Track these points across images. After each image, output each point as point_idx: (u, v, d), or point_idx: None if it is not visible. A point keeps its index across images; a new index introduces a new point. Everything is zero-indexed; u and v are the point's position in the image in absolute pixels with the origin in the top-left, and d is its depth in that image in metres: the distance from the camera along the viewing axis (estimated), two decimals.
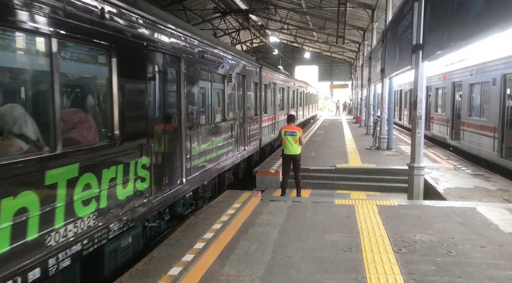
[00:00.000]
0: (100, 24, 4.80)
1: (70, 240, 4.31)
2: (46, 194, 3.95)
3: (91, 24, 4.62)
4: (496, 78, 12.11)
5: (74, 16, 4.32)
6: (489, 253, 5.55)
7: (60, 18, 4.12)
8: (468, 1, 5.80)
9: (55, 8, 4.04)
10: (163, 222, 7.26)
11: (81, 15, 4.43)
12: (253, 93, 13.69)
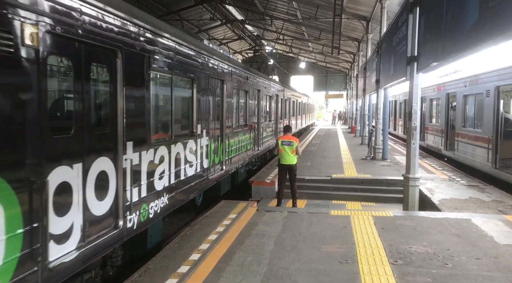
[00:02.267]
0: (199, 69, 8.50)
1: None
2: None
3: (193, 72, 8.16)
4: (489, 89, 12.23)
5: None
6: (485, 265, 5.57)
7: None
8: (462, 15, 5.88)
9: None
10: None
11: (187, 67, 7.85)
12: (277, 105, 19.66)
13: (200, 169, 8.42)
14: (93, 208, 4.71)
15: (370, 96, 22.05)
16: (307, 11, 24.48)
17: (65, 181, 4.20)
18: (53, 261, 4.00)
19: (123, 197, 5.30)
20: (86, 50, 4.53)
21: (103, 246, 4.85)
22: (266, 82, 16.91)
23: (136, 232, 5.68)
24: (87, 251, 4.53)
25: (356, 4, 20.71)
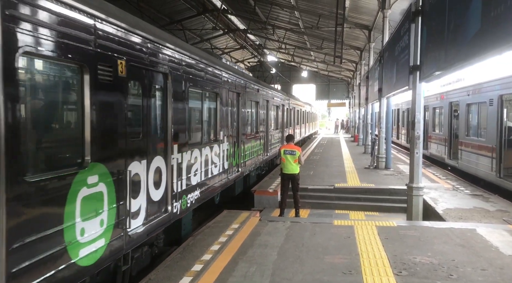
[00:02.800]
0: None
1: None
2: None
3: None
4: (493, 98, 12.21)
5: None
6: (490, 276, 5.50)
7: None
8: (465, 24, 5.88)
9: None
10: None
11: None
12: (283, 114, 20.69)
13: (222, 169, 9.85)
14: (152, 195, 6.07)
15: (373, 104, 22.06)
16: (309, 20, 24.60)
17: (136, 172, 5.56)
18: (131, 230, 5.40)
19: (171, 188, 6.66)
20: (149, 75, 6.00)
21: (158, 225, 6.22)
22: (273, 93, 18.24)
23: (178, 217, 7.11)
24: (149, 227, 5.92)
25: (358, 14, 20.80)
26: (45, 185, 3.83)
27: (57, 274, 3.94)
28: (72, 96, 4.50)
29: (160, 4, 22.17)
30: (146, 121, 5.92)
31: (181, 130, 7.11)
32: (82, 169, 4.37)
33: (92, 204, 4.55)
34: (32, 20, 3.63)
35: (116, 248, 5.03)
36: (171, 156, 6.68)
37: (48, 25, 3.82)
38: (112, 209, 4.92)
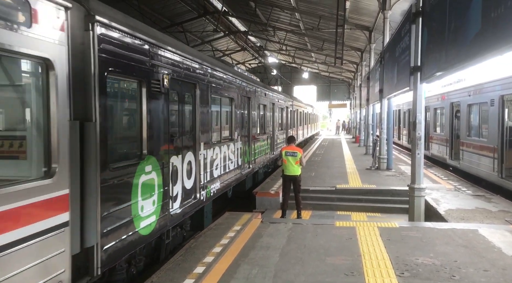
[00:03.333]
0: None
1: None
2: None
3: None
4: (494, 99, 12.19)
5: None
6: (493, 277, 5.49)
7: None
8: (465, 25, 5.88)
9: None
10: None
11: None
12: (287, 116, 21.97)
13: (236, 165, 11.12)
14: (186, 184, 7.36)
15: (374, 105, 22.03)
16: (309, 21, 24.62)
17: (175, 164, 6.88)
18: (172, 211, 6.70)
19: (199, 179, 7.97)
20: (183, 85, 7.31)
21: (190, 209, 7.54)
22: (279, 96, 19.62)
23: (204, 204, 8.47)
24: (184, 210, 7.22)
25: (359, 15, 20.80)
26: (121, 171, 5.12)
27: (127, 238, 5.23)
28: (135, 104, 5.79)
29: (161, 7, 22.21)
30: (182, 123, 7.30)
31: (206, 130, 8.48)
32: (142, 160, 5.67)
33: (148, 187, 5.81)
34: (113, 50, 4.92)
35: (162, 224, 6.31)
36: (199, 152, 8.00)
37: (122, 53, 5.12)
38: (160, 193, 6.18)
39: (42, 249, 3.78)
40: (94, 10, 4.54)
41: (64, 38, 4.11)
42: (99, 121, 4.54)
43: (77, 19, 4.34)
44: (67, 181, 4.13)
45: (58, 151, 3.98)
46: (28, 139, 4.15)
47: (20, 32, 3.56)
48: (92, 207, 4.50)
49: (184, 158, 7.26)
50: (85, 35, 4.44)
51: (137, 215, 5.46)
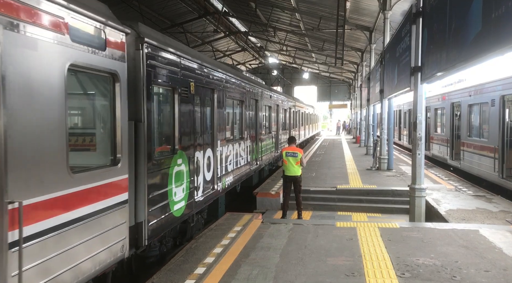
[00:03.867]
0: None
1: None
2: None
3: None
4: (494, 99, 12.19)
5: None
6: (494, 278, 5.48)
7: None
8: (466, 25, 5.88)
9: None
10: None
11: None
12: (290, 116, 23.05)
13: (246, 161, 12.20)
14: (206, 175, 8.50)
15: (374, 106, 22.03)
16: (310, 22, 24.62)
17: (198, 159, 7.99)
18: (196, 198, 7.83)
19: (216, 172, 9.11)
20: (204, 90, 8.41)
21: (209, 198, 8.68)
22: (282, 97, 20.81)
23: (220, 194, 9.67)
24: (205, 198, 8.37)
25: (359, 15, 20.80)
26: (161, 162, 6.27)
27: (165, 217, 6.37)
28: (169, 108, 6.91)
29: (162, 7, 22.21)
30: (203, 123, 8.40)
31: (222, 129, 9.61)
32: (175, 154, 6.86)
33: (179, 177, 6.99)
34: (156, 64, 6.13)
35: (189, 209, 7.43)
36: (216, 148, 9.16)
37: (161, 66, 6.34)
38: (188, 182, 7.35)
39: (113, 218, 4.93)
40: (143, 33, 5.81)
41: (124, 56, 5.22)
42: (146, 122, 5.73)
43: (131, 41, 5.51)
44: (127, 168, 5.26)
45: (121, 145, 5.11)
46: (102, 134, 5.36)
47: (99, 54, 4.70)
48: (142, 190, 5.71)
49: (205, 153, 8.49)
50: (136, 53, 5.66)
51: (171, 199, 6.66)
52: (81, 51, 4.38)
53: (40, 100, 3.78)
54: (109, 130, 5.09)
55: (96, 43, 4.65)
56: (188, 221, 7.91)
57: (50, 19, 3.92)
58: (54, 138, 3.97)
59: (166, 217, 6.41)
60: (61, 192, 4.03)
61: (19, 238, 3.44)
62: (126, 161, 5.21)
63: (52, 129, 3.95)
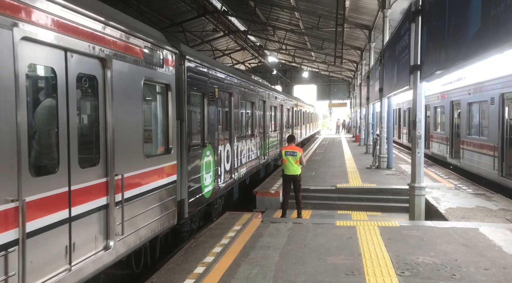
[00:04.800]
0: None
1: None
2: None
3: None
4: (494, 97, 12.18)
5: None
6: (494, 276, 5.48)
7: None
8: (465, 23, 5.87)
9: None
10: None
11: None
12: (293, 115, 24.60)
13: (256, 156, 13.80)
14: (226, 166, 10.13)
15: (374, 104, 22.02)
16: (309, 21, 24.59)
17: (220, 151, 9.66)
18: (220, 184, 9.51)
19: (233, 163, 10.74)
20: (224, 94, 10.01)
21: (228, 185, 10.30)
22: (286, 98, 22.46)
23: (237, 182, 11.37)
24: (225, 185, 10.00)
25: (358, 14, 20.78)
26: (195, 153, 7.88)
27: (198, 197, 8.02)
28: (201, 109, 8.56)
29: (161, 7, 22.19)
30: (223, 121, 10.05)
31: (237, 127, 11.19)
32: (205, 147, 8.49)
33: (207, 165, 8.62)
34: (192, 76, 7.83)
35: (214, 192, 9.08)
36: (233, 143, 10.78)
37: (196, 76, 8.05)
38: (214, 170, 9.00)
39: (168, 193, 6.58)
40: (184, 51, 7.45)
41: (173, 71, 6.86)
42: (187, 120, 7.38)
43: (176, 58, 7.05)
44: (176, 156, 6.90)
45: (173, 138, 6.80)
46: (160, 129, 6.82)
47: (158, 70, 6.34)
48: (184, 174, 7.32)
49: (225, 147, 10.08)
50: (179, 68, 7.25)
51: (202, 184, 8.30)
52: (150, 69, 6.04)
53: (129, 107, 5.44)
54: (165, 126, 6.77)
55: (157, 63, 6.30)
56: (213, 204, 9.53)
57: (136, 49, 5.65)
58: (137, 133, 5.66)
59: (199, 197, 8.13)
60: (141, 170, 5.71)
61: (121, 199, 5.10)
62: (175, 150, 6.90)
63: (136, 127, 5.63)
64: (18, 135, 3.55)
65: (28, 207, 3.61)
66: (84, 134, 4.76)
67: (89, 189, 4.58)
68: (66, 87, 4.24)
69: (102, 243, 4.81)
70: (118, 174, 5.01)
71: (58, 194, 4.09)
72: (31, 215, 3.68)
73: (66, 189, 4.20)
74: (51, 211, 3.99)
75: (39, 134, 4.17)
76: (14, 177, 3.52)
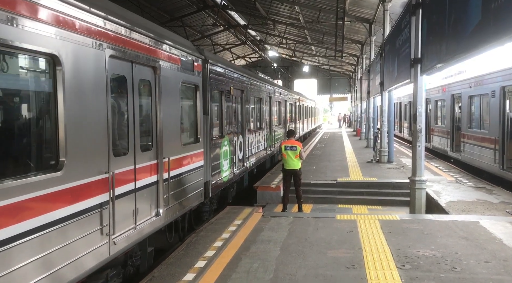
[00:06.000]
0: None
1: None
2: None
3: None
4: (495, 90, 12.14)
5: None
6: (494, 269, 5.49)
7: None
8: (465, 16, 5.84)
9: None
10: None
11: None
12: (295, 109, 25.82)
13: (263, 147, 15.10)
14: (239, 155, 11.36)
15: (375, 98, 21.97)
16: (309, 14, 24.48)
17: (235, 142, 10.85)
18: (235, 170, 10.87)
19: (245, 153, 11.99)
20: (237, 92, 11.39)
21: (241, 172, 11.69)
22: (289, 93, 23.91)
23: (248, 170, 12.68)
24: (239, 172, 11.34)
25: (359, 7, 20.67)
26: (215, 142, 9.15)
27: (218, 181, 9.34)
28: (219, 105, 9.79)
29: (160, 1, 22.10)
30: (237, 116, 11.28)
31: (247, 120, 12.44)
32: (223, 138, 9.80)
33: (225, 153, 9.95)
34: (214, 77, 9.02)
35: (231, 177, 10.46)
36: (245, 135, 12.07)
37: (216, 77, 9.23)
38: (230, 158, 10.38)
39: (198, 175, 7.99)
40: (207, 56, 8.76)
41: (200, 73, 8.25)
42: (210, 115, 8.64)
43: (200, 63, 8.32)
44: (202, 144, 8.25)
45: (200, 129, 8.22)
46: (191, 122, 8.15)
47: (190, 74, 7.68)
48: (208, 160, 8.55)
49: (238, 138, 11.32)
50: (204, 70, 8.53)
51: (222, 169, 9.63)
52: (185, 73, 7.38)
53: (171, 104, 6.75)
54: (195, 120, 8.17)
55: (189, 68, 7.64)
56: (229, 188, 10.84)
57: (176, 58, 6.98)
58: (177, 125, 7.02)
59: (219, 181, 9.44)
60: (180, 155, 7.06)
61: (168, 177, 6.41)
62: (202, 140, 8.28)
63: (176, 120, 6.98)
64: (107, 126, 4.86)
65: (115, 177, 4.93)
66: (143, 125, 6.01)
67: (146, 168, 5.92)
68: (132, 90, 5.59)
69: (154, 210, 6.12)
70: (165, 157, 6.38)
71: (129, 170, 5.46)
72: (116, 184, 4.96)
73: (133, 167, 5.54)
74: (126, 182, 5.36)
75: (117, 124, 5.39)
76: (105, 157, 4.84)
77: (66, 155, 4.15)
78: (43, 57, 4.03)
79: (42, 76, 4.23)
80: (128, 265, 5.82)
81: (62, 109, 4.12)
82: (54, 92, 4.10)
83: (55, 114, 4.10)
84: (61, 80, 4.10)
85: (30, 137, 4.16)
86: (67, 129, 4.15)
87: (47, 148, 4.20)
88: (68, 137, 4.17)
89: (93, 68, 4.64)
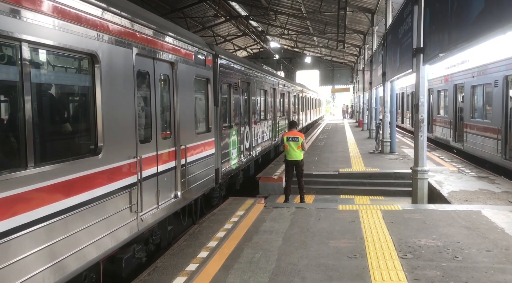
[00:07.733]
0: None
1: None
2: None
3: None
4: (498, 79, 12.08)
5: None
6: (496, 257, 5.50)
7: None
8: (468, 4, 5.78)
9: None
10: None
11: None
12: (299, 101, 26.65)
13: (268, 137, 15.63)
14: (245, 144, 11.91)
15: (377, 89, 21.88)
16: (311, 5, 24.31)
17: (242, 132, 11.53)
18: (242, 159, 11.55)
19: (251, 143, 12.56)
20: (244, 84, 12.07)
21: (248, 160, 12.23)
22: (292, 85, 24.56)
23: (254, 159, 13.27)
24: (246, 160, 11.88)
25: None
26: (225, 131, 9.78)
27: (227, 168, 9.91)
28: (228, 97, 10.35)
29: None
30: (244, 107, 11.90)
31: (254, 112, 13.06)
32: (232, 127, 10.42)
33: (234, 142, 10.53)
34: (223, 70, 9.65)
35: (239, 165, 11.10)
36: (251, 126, 12.61)
37: (225, 70, 9.85)
38: (238, 147, 10.98)
39: (211, 161, 8.61)
40: (218, 52, 9.33)
41: (211, 68, 8.82)
42: (219, 106, 9.22)
43: (211, 57, 8.88)
44: (214, 133, 8.81)
45: (212, 120, 8.81)
46: (203, 113, 8.66)
47: (202, 68, 8.26)
48: (218, 148, 9.13)
49: (245, 129, 11.92)
50: (214, 64, 9.08)
51: (230, 157, 10.23)
52: (198, 68, 7.97)
53: (187, 96, 7.35)
54: (207, 111, 8.69)
55: (202, 62, 8.20)
56: (237, 175, 11.41)
57: (190, 54, 7.57)
58: (191, 115, 7.62)
59: (229, 168, 10.08)
60: (194, 143, 7.66)
61: (185, 163, 7.06)
62: (213, 129, 8.84)
63: (191, 111, 7.60)
64: (135, 116, 5.49)
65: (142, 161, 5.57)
66: (163, 115, 6.63)
67: (166, 154, 6.54)
68: (154, 84, 6.21)
69: (173, 193, 6.78)
70: (182, 144, 7.00)
71: (153, 155, 6.08)
72: (143, 167, 5.60)
73: (155, 153, 6.14)
74: (150, 166, 6.01)
75: (143, 114, 6.01)
76: (133, 143, 5.45)
77: (104, 141, 4.79)
78: (85, 57, 4.67)
79: (84, 73, 4.85)
80: (149, 243, 6.41)
81: (100, 101, 4.75)
82: (93, 87, 4.73)
83: (94, 105, 4.74)
84: (99, 77, 4.73)
85: (76, 125, 4.88)
86: (104, 119, 4.80)
87: (88, 135, 4.79)
88: (105, 126, 4.82)
89: (123, 65, 5.26)
